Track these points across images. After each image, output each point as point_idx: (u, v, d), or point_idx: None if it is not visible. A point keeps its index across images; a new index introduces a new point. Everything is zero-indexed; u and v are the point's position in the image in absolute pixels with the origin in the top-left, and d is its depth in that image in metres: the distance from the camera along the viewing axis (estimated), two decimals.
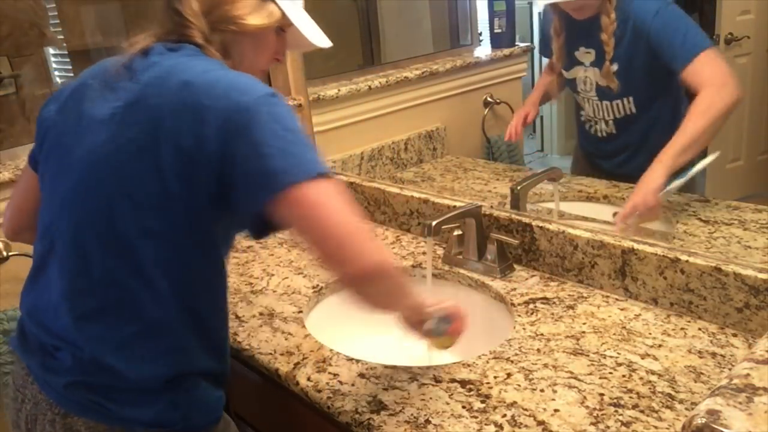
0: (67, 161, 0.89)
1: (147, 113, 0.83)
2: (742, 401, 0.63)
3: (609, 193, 1.40)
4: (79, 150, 0.88)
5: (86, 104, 0.90)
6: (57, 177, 0.92)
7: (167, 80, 0.84)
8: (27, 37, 1.76)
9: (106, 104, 0.87)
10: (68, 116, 0.92)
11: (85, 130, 0.88)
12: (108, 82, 0.89)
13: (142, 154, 0.82)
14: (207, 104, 0.80)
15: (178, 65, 0.86)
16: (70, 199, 0.88)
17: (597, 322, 1.11)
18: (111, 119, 0.86)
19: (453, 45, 1.96)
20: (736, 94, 1.20)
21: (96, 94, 0.90)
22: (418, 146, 1.81)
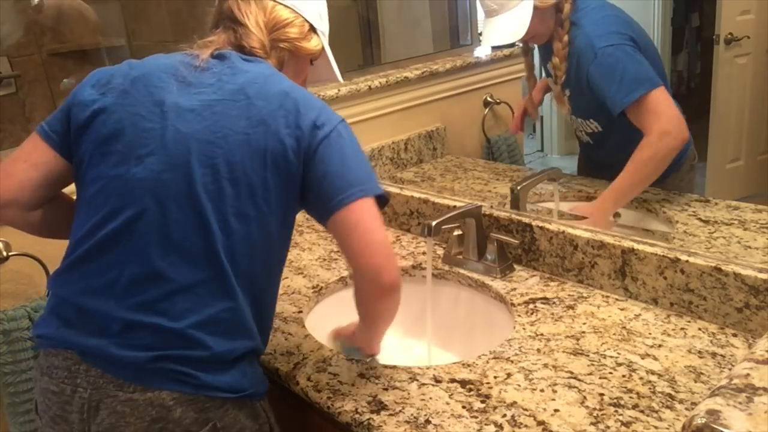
0: (153, 145, 0.92)
1: (254, 111, 0.92)
2: (742, 401, 0.63)
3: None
4: (170, 134, 0.92)
5: (164, 94, 0.94)
6: (132, 158, 0.92)
7: (267, 86, 0.94)
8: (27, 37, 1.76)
9: (193, 96, 0.94)
10: (139, 103, 0.95)
11: (173, 117, 0.93)
12: (185, 76, 0.96)
13: (251, 145, 0.91)
14: (303, 113, 0.92)
15: (272, 76, 0.97)
16: (158, 180, 0.91)
17: (597, 322, 1.11)
18: (205, 110, 0.93)
19: (453, 45, 1.97)
20: (680, 139, 1.22)
21: (173, 86, 0.95)
22: (418, 146, 1.81)
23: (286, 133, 0.92)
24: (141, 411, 0.88)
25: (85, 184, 0.96)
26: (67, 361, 0.91)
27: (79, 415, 0.90)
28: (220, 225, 0.90)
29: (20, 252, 1.36)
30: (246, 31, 1.00)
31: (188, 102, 0.94)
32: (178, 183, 0.90)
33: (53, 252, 1.40)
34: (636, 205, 1.36)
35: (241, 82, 0.94)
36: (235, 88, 0.94)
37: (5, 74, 1.63)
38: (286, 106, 0.93)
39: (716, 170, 1.35)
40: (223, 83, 0.95)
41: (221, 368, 0.92)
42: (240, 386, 0.93)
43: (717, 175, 1.36)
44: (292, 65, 1.06)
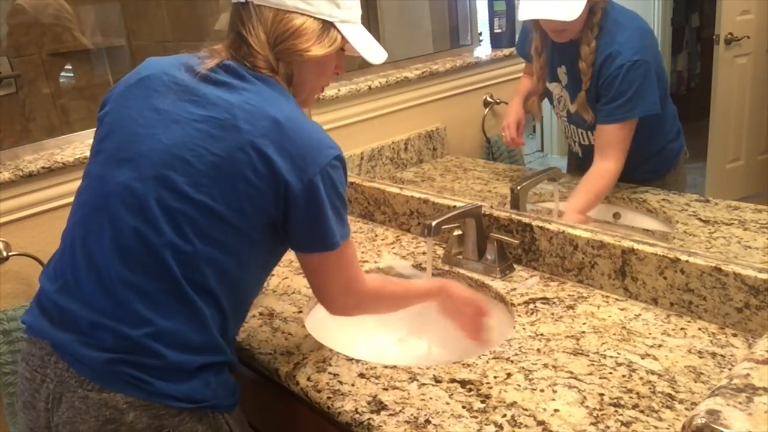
0: (134, 150, 0.92)
1: (237, 135, 0.90)
2: (742, 401, 0.63)
3: (609, 193, 1.40)
4: (152, 143, 0.91)
5: (161, 99, 0.94)
6: (115, 160, 0.94)
7: (258, 111, 0.91)
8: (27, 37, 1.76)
9: (183, 105, 0.93)
10: (136, 105, 0.95)
11: (157, 123, 0.92)
12: (184, 84, 0.95)
13: (224, 170, 0.89)
14: (287, 148, 0.90)
15: (269, 99, 0.93)
16: (129, 188, 0.90)
17: (597, 322, 1.11)
18: (189, 123, 0.91)
19: (453, 45, 1.97)
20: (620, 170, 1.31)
21: (168, 91, 0.94)
22: (418, 146, 1.81)
23: (264, 164, 0.89)
24: (95, 410, 0.90)
25: (82, 177, 0.99)
26: (41, 350, 0.94)
27: (44, 404, 0.93)
28: (179, 242, 0.89)
29: (20, 252, 1.36)
30: (250, 51, 0.96)
31: (175, 110, 0.93)
32: (146, 195, 0.90)
33: (53, 252, 1.40)
34: (636, 205, 1.36)
35: (234, 102, 0.92)
36: (225, 106, 0.91)
37: (5, 74, 1.63)
38: (272, 137, 0.90)
39: (716, 170, 1.35)
40: (215, 99, 0.92)
41: (179, 377, 0.91)
42: (200, 397, 0.92)
43: (717, 175, 1.35)
44: (310, 70, 1.01)
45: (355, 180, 1.67)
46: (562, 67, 1.37)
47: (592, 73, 1.29)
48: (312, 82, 1.03)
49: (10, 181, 1.34)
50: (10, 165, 1.40)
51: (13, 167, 1.38)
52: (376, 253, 1.46)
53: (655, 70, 1.28)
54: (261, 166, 0.89)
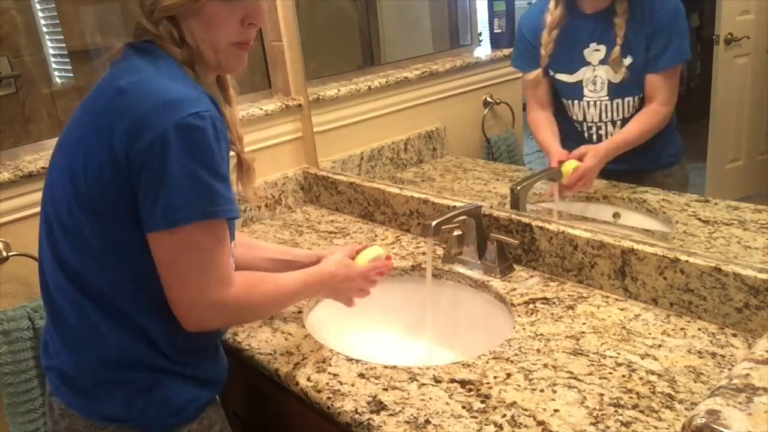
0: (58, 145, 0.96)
1: (91, 114, 0.87)
2: (741, 401, 0.63)
3: (609, 193, 1.40)
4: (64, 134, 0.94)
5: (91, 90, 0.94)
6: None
7: (108, 85, 0.87)
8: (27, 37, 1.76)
9: (88, 95, 0.93)
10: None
11: (69, 124, 0.94)
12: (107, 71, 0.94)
13: (78, 153, 0.86)
14: (127, 113, 0.82)
15: (122, 71, 0.88)
16: (46, 189, 0.94)
17: (597, 322, 1.11)
18: (76, 118, 0.92)
19: (453, 45, 1.96)
20: (669, 116, 1.34)
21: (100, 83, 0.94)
22: (417, 146, 1.81)
23: (117, 136, 0.82)
24: (50, 412, 0.95)
25: None
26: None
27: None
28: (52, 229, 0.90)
29: (20, 252, 1.36)
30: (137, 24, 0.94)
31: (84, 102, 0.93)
32: (50, 196, 0.93)
33: None
34: (636, 205, 1.36)
35: (98, 85, 0.91)
36: (94, 90, 0.91)
37: (5, 74, 1.63)
38: (116, 106, 0.83)
39: (716, 170, 1.35)
40: (96, 86, 0.92)
41: (97, 391, 0.90)
42: (121, 415, 0.90)
43: (717, 175, 1.35)
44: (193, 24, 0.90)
45: (354, 180, 1.66)
46: (591, 45, 1.36)
47: (633, 33, 1.30)
48: (206, 39, 0.91)
49: (10, 181, 1.34)
50: (10, 165, 1.40)
51: (13, 167, 1.38)
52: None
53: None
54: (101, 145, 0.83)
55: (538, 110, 1.51)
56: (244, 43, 0.93)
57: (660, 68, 1.31)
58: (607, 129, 1.40)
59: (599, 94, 1.39)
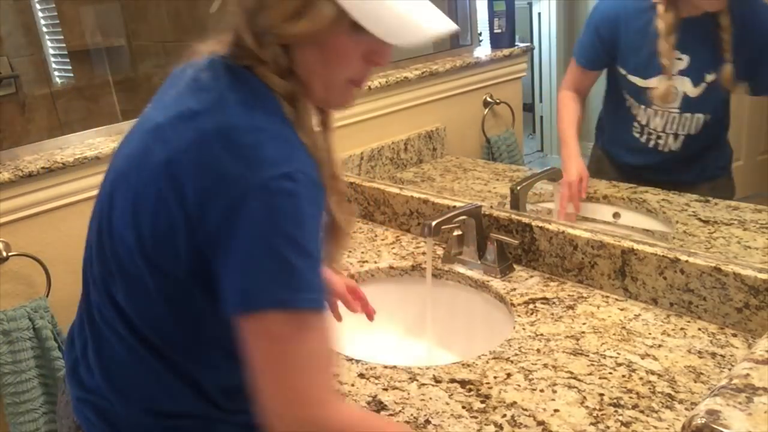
0: (115, 156, 0.83)
1: (159, 149, 0.73)
2: (741, 401, 0.63)
3: (609, 193, 1.40)
4: (121, 151, 0.82)
5: (153, 104, 0.82)
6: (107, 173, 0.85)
7: (187, 120, 0.73)
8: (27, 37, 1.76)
9: (154, 113, 0.79)
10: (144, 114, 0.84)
11: (136, 132, 0.81)
12: (171, 89, 0.80)
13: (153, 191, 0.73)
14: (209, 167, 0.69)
15: (207, 102, 0.74)
16: (99, 204, 0.82)
17: (597, 322, 1.11)
18: (147, 132, 0.77)
19: (453, 45, 1.96)
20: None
21: (158, 98, 0.82)
22: (417, 146, 1.81)
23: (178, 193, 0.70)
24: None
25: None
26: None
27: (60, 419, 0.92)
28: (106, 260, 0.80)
29: (20, 252, 1.36)
30: (234, 36, 0.77)
31: (148, 120, 0.79)
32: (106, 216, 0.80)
33: (53, 252, 1.40)
34: (636, 205, 1.36)
35: (186, 108, 0.74)
36: (175, 113, 0.75)
37: (5, 74, 1.63)
38: (193, 155, 0.70)
39: None
40: (172, 104, 0.76)
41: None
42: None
43: None
44: (309, 55, 0.76)
45: (355, 180, 1.67)
46: (674, 53, 1.25)
47: (736, 42, 1.19)
48: (320, 73, 0.77)
49: (10, 181, 1.34)
50: (10, 165, 1.40)
51: (13, 167, 1.38)
52: (376, 253, 1.46)
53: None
54: (169, 192, 0.70)
55: (572, 92, 1.42)
56: (361, 80, 0.81)
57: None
58: (668, 141, 1.31)
59: (671, 105, 1.29)
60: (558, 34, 1.60)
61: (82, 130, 1.57)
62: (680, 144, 1.30)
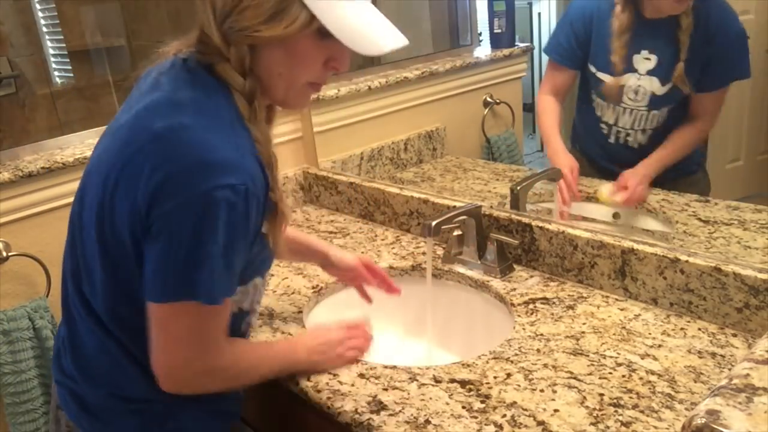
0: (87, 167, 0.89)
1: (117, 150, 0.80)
2: (741, 401, 0.63)
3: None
4: (93, 154, 0.88)
5: (121, 107, 0.89)
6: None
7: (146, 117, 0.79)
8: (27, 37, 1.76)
9: (120, 115, 0.86)
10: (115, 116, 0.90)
11: (104, 136, 0.88)
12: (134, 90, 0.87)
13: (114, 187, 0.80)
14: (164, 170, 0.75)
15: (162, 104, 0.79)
16: (73, 203, 0.90)
17: (597, 323, 1.11)
18: (113, 134, 0.84)
19: (453, 45, 1.96)
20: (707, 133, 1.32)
21: (127, 100, 0.88)
22: (417, 146, 1.81)
23: (132, 192, 0.76)
24: (55, 425, 0.94)
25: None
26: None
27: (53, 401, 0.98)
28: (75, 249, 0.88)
29: (20, 252, 1.36)
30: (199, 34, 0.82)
31: (116, 122, 0.86)
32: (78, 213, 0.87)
33: (53, 252, 1.40)
34: (636, 205, 1.36)
35: (142, 107, 0.80)
36: (133, 113, 0.81)
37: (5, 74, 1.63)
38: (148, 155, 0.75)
39: (716, 170, 1.35)
40: (135, 103, 0.82)
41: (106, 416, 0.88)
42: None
43: (717, 175, 1.35)
44: (275, 57, 0.81)
45: (354, 180, 1.66)
46: (642, 53, 1.29)
47: (692, 43, 1.24)
48: (284, 75, 0.82)
49: (10, 181, 1.34)
50: (10, 165, 1.40)
51: (13, 167, 1.38)
52: (376, 253, 1.46)
53: None
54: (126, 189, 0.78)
55: (550, 96, 1.46)
56: (320, 84, 0.87)
57: (717, 87, 1.25)
58: (636, 137, 1.35)
59: (639, 103, 1.32)
60: None
61: (82, 130, 1.57)
62: (647, 138, 1.34)
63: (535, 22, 1.65)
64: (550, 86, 1.47)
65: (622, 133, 1.36)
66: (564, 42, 1.41)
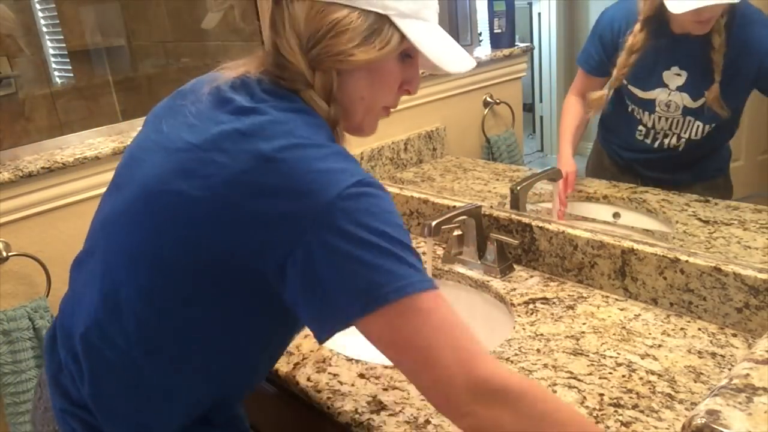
0: (126, 173, 0.80)
1: (211, 168, 0.70)
2: (741, 401, 0.63)
3: (609, 193, 1.40)
4: (139, 168, 0.78)
5: (169, 117, 0.80)
6: (113, 185, 0.83)
7: (245, 139, 0.70)
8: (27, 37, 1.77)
9: (180, 130, 0.76)
10: (154, 125, 0.83)
11: (152, 147, 0.79)
12: (194, 103, 0.78)
13: (198, 210, 0.70)
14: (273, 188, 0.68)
15: (263, 125, 0.72)
16: (112, 218, 0.80)
17: (597, 323, 1.11)
18: (176, 151, 0.74)
19: None
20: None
21: (180, 112, 0.79)
22: (417, 146, 1.81)
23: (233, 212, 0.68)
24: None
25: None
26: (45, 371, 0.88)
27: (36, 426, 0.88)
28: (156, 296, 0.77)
29: (20, 252, 1.36)
30: (280, 59, 0.77)
31: (171, 136, 0.77)
32: (118, 237, 0.77)
33: (53, 252, 1.41)
34: (636, 205, 1.36)
35: (225, 128, 0.72)
36: (214, 134, 0.72)
37: (5, 74, 1.63)
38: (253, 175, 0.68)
39: None
40: (211, 124, 0.73)
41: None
42: None
43: None
44: (360, 81, 0.79)
45: None
46: (672, 69, 1.27)
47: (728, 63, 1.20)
48: (366, 99, 0.80)
49: (10, 181, 1.34)
50: (10, 165, 1.40)
51: (13, 167, 1.38)
52: None
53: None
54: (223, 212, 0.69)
55: (578, 97, 1.44)
56: (393, 107, 0.86)
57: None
58: (671, 140, 1.32)
59: (672, 114, 1.30)
60: (558, 34, 1.60)
61: (82, 130, 1.57)
62: (682, 144, 1.32)
63: (535, 22, 1.65)
64: (579, 89, 1.46)
65: (660, 134, 1.34)
66: (594, 54, 1.40)
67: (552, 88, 1.66)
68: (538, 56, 1.66)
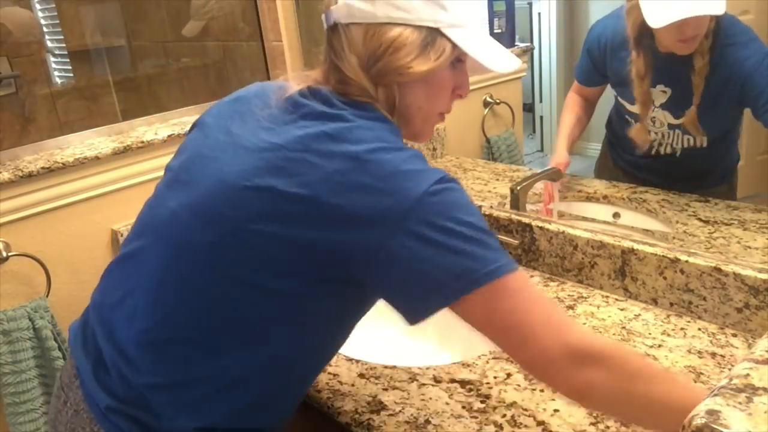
0: (195, 170, 0.82)
1: (303, 167, 0.74)
2: (741, 401, 0.63)
3: (609, 193, 1.40)
4: (216, 166, 0.80)
5: (236, 120, 0.84)
6: (174, 181, 0.85)
7: (334, 141, 0.75)
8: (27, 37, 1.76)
9: (258, 132, 0.80)
10: (216, 122, 0.86)
11: (226, 147, 0.81)
12: (264, 108, 0.82)
13: (286, 207, 0.74)
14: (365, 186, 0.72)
15: (354, 129, 0.76)
16: (183, 212, 0.80)
17: (597, 322, 1.11)
18: (259, 151, 0.77)
19: None
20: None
21: (250, 116, 0.83)
22: (417, 146, 1.81)
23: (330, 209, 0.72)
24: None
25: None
26: (72, 368, 0.86)
27: (64, 428, 0.86)
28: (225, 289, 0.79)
29: (20, 252, 1.36)
30: (343, 78, 0.82)
31: (249, 137, 0.80)
32: (198, 225, 0.78)
33: (53, 252, 1.41)
34: (636, 205, 1.36)
35: (310, 132, 0.76)
36: (300, 134, 0.76)
37: (5, 74, 1.63)
38: (346, 174, 0.72)
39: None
40: (294, 127, 0.78)
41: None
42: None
43: None
44: (417, 92, 0.83)
45: None
46: (658, 87, 1.27)
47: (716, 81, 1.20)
48: (424, 108, 0.85)
49: (10, 181, 1.34)
50: (10, 165, 1.40)
51: (13, 167, 1.38)
52: None
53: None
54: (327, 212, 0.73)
55: (579, 97, 1.46)
56: (446, 113, 0.89)
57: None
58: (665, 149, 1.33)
59: (658, 128, 1.32)
60: (558, 34, 1.60)
61: (82, 130, 1.57)
62: (678, 151, 1.32)
63: (535, 22, 1.65)
64: (579, 91, 1.48)
65: (654, 143, 1.34)
66: (585, 67, 1.42)
67: (552, 88, 1.66)
68: (538, 56, 1.66)
